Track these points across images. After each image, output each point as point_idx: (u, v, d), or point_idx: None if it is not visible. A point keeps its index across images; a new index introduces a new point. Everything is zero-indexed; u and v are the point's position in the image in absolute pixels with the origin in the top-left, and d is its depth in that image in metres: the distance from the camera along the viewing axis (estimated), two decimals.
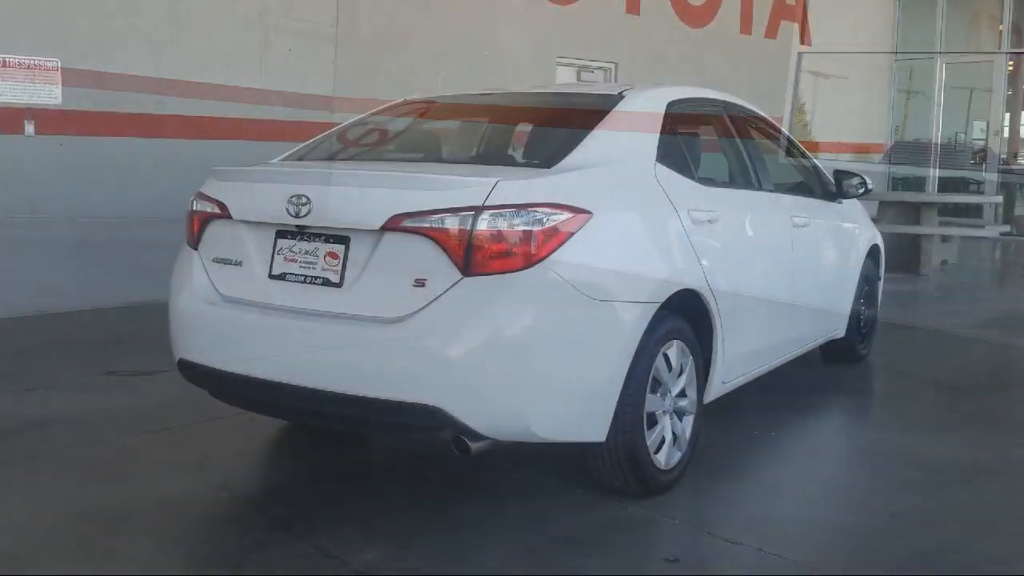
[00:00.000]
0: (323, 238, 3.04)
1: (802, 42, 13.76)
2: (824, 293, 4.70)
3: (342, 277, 2.97)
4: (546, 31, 10.09)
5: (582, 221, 2.84)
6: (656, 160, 3.35)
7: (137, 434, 4.04)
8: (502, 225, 2.75)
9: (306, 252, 3.06)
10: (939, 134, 15.32)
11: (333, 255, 3.00)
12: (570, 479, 3.36)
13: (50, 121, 6.84)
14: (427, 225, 2.80)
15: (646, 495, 3.19)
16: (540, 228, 2.77)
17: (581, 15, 10.41)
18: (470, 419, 2.74)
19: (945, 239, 10.42)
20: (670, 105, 3.68)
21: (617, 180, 3.14)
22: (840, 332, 4.96)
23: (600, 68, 10.93)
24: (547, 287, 2.76)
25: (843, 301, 4.91)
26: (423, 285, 2.81)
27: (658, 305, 3.07)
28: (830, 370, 5.34)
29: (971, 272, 11.14)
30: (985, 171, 14.71)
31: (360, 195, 2.95)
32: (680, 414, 3.32)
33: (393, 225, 2.84)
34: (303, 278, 3.06)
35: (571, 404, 2.88)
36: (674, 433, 3.28)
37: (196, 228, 3.39)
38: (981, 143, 15.44)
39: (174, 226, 7.89)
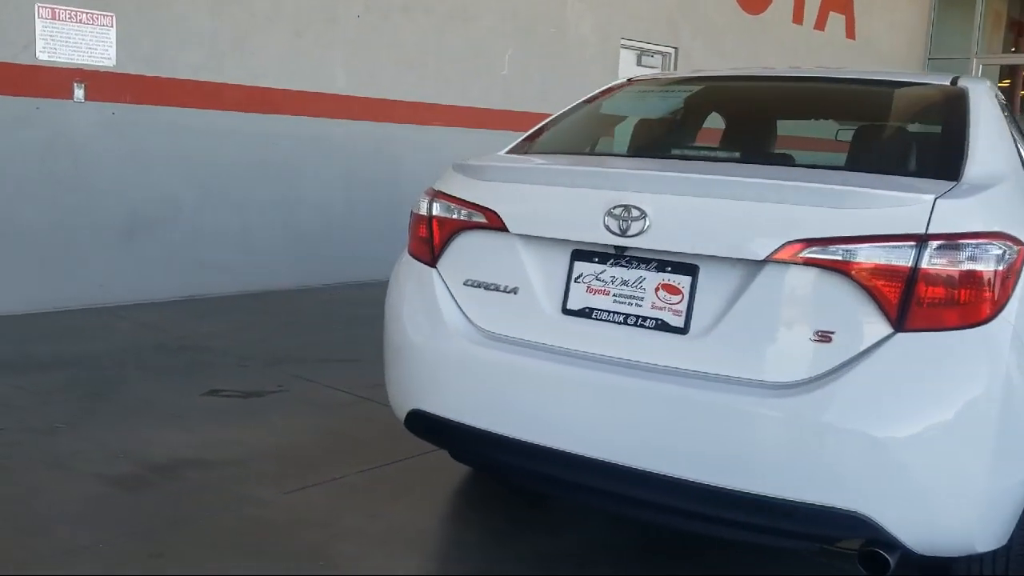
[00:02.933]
0: (654, 265, 2.26)
1: (848, 35, 13.28)
2: None
3: (687, 320, 2.20)
4: (611, 12, 9.35)
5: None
6: None
7: (298, 486, 3.22)
8: (953, 262, 2.00)
9: (625, 282, 2.28)
10: None
11: (672, 289, 2.23)
12: None
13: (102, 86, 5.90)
14: (840, 258, 2.04)
15: None
16: (997, 267, 2.02)
17: None
18: (900, 529, 2.00)
19: None
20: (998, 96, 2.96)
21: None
22: None
23: (659, 52, 10.21)
24: (1011, 349, 2.02)
25: None
26: (828, 340, 2.05)
27: None
28: None
29: None
30: None
31: (727, 210, 2.16)
32: None
33: (786, 255, 2.08)
34: (621, 317, 2.28)
35: (1012, 506, 2.14)
36: None
37: (438, 239, 2.59)
38: None
39: (230, 210, 7.04)
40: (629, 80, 3.42)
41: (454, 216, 2.55)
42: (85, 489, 3.10)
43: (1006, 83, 15.88)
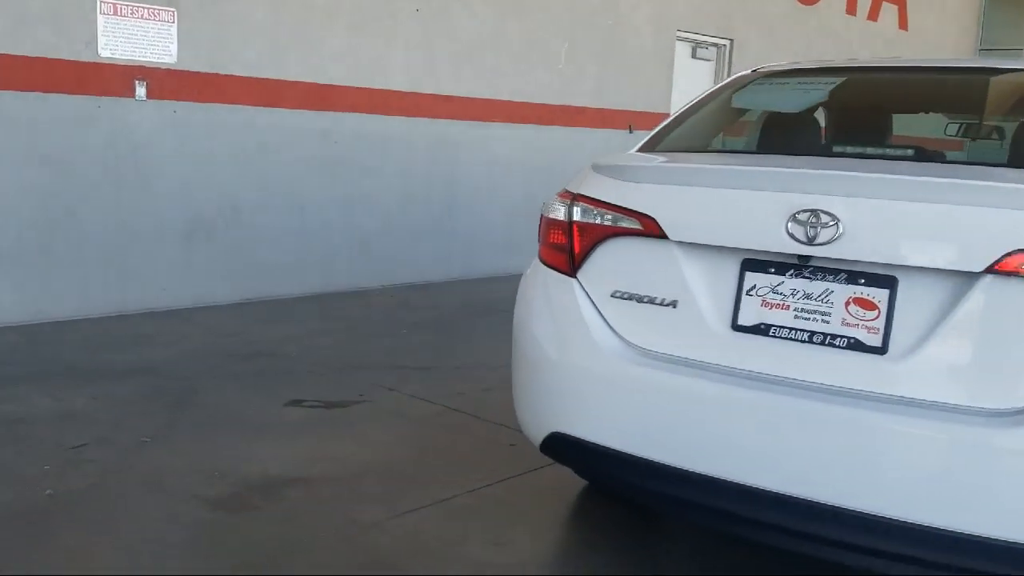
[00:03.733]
0: (843, 277, 2.04)
1: (900, 27, 12.95)
2: None
3: (886, 339, 1.97)
4: (666, 3, 9.09)
5: None
6: None
7: (408, 508, 3.01)
8: None
9: (809, 296, 2.06)
10: None
11: (866, 304, 2.00)
12: None
13: (162, 83, 5.73)
14: None
15: None
16: None
17: None
18: None
19: None
20: None
21: None
22: None
23: (714, 45, 9.95)
24: None
25: None
26: None
27: None
28: None
29: None
30: None
31: (935, 216, 1.93)
32: None
33: (1009, 266, 1.85)
34: (804, 335, 2.06)
35: None
36: None
37: (579, 247, 2.37)
38: None
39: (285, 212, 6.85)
40: (754, 72, 3.18)
41: (599, 222, 2.33)
42: (187, 512, 2.92)
43: None
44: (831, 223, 1.99)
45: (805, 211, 2.02)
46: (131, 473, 3.22)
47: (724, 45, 10.03)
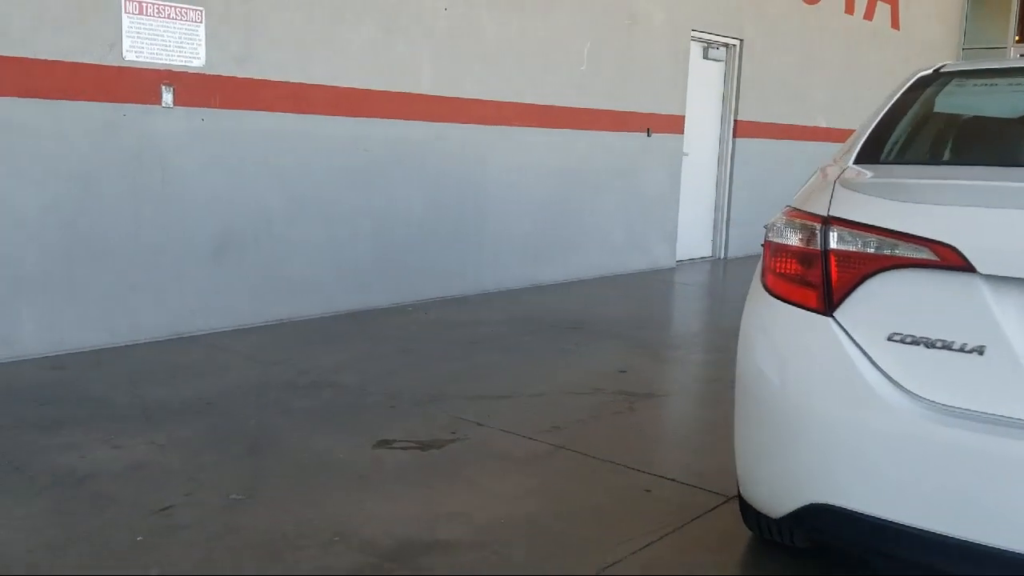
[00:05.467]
0: None
1: (893, 25, 12.88)
2: None
3: None
4: (681, 3, 8.81)
5: None
6: None
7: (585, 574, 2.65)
8: None
9: None
10: None
11: None
12: None
13: (190, 88, 5.27)
14: None
15: None
16: None
17: None
18: None
19: None
20: None
21: None
22: None
23: (724, 45, 9.71)
24: None
25: None
26: None
27: None
28: None
29: None
30: None
31: None
32: None
33: None
34: None
35: None
36: None
37: (839, 280, 2.03)
38: None
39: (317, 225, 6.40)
40: (936, 72, 2.86)
41: (871, 251, 1.98)
42: None
43: None
44: None
45: None
46: (236, 541, 2.80)
47: (734, 45, 9.79)
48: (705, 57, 9.56)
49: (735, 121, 9.92)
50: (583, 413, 4.18)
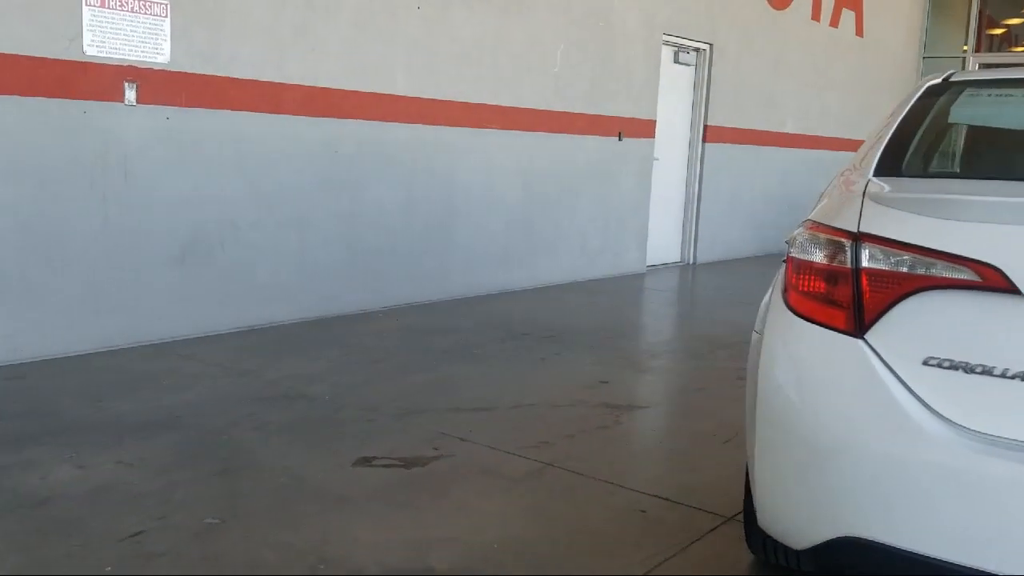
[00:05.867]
0: None
1: (857, 33, 12.97)
2: None
3: None
4: (654, 6, 8.75)
5: None
6: None
7: None
8: None
9: None
10: None
11: None
12: None
13: (154, 86, 5.05)
14: None
15: None
16: None
17: None
18: None
19: None
20: None
21: None
22: None
23: (695, 49, 9.66)
24: None
25: None
26: None
27: None
28: None
29: None
30: None
31: None
32: None
33: None
34: None
35: None
36: None
37: (871, 300, 1.92)
38: None
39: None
40: (946, 80, 2.77)
41: (906, 270, 1.88)
42: None
43: None
44: None
45: None
46: (214, 569, 2.63)
47: (704, 49, 9.75)
48: (675, 61, 9.50)
49: (705, 126, 9.88)
50: (568, 427, 4.06)
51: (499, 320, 6.35)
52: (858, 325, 1.93)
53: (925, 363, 1.86)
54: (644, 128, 8.90)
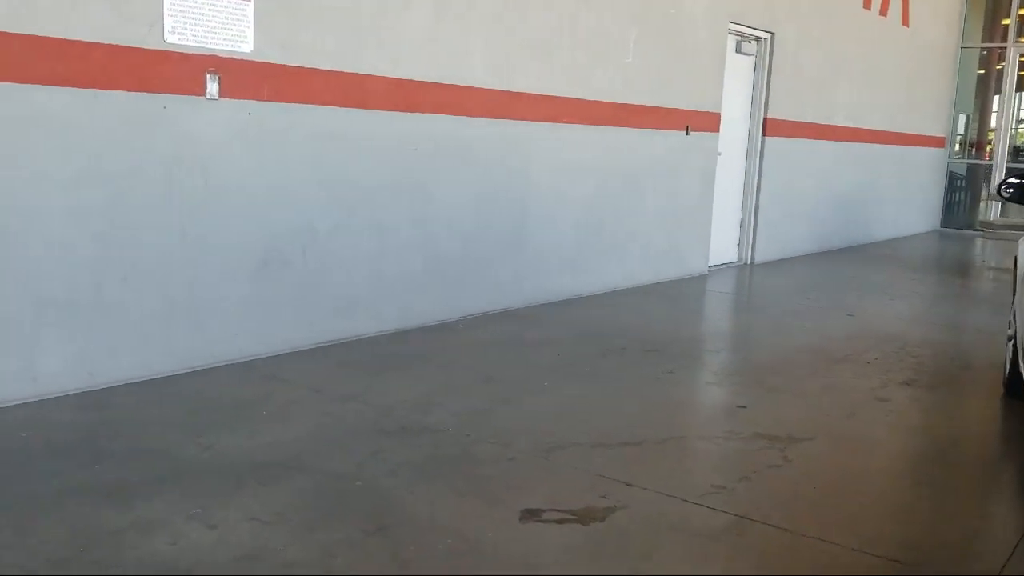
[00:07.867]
0: None
1: (903, 22, 12.53)
2: None
3: None
4: None
5: None
6: None
7: None
8: None
9: None
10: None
11: None
12: None
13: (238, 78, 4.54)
14: None
15: None
16: None
17: None
18: None
19: None
20: None
21: None
22: None
23: (756, 38, 9.19)
24: None
25: None
26: None
27: None
28: None
29: None
30: None
31: None
32: None
33: None
34: None
35: None
36: None
37: None
38: None
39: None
40: None
41: None
42: None
43: None
44: None
45: None
46: None
47: (766, 39, 9.28)
48: (737, 51, 9.02)
49: (765, 119, 9.41)
50: (736, 467, 3.60)
51: (587, 330, 5.88)
52: None
53: None
54: (709, 121, 8.42)
